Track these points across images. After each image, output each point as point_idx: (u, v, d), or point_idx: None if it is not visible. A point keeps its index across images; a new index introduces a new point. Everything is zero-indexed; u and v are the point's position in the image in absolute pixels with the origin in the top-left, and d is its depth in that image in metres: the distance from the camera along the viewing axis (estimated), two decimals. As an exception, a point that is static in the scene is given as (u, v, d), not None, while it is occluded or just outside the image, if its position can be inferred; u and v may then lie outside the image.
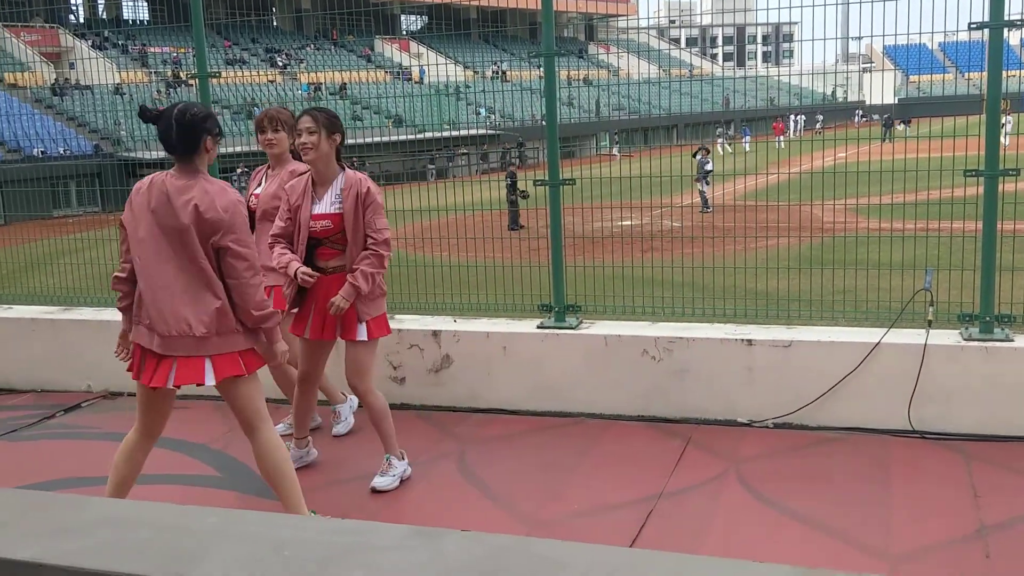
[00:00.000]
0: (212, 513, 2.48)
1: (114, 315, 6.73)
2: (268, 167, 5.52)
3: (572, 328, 5.81)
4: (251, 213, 5.45)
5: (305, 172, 4.80)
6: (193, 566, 2.06)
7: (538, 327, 5.89)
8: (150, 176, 3.97)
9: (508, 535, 2.29)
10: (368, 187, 4.61)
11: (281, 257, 4.65)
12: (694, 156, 14.80)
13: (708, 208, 15.90)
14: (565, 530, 4.22)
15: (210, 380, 3.92)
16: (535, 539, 2.22)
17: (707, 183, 15.84)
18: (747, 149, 13.29)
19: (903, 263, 5.75)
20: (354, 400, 5.70)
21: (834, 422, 5.25)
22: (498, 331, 5.90)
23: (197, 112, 3.89)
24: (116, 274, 4.08)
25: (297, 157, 5.14)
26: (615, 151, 15.83)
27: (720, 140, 17.59)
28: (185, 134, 3.84)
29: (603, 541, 4.03)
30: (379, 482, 4.82)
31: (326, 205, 4.62)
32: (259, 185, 5.50)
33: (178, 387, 4.00)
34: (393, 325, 6.09)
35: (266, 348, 4.06)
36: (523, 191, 11.68)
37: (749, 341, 5.34)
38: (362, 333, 4.66)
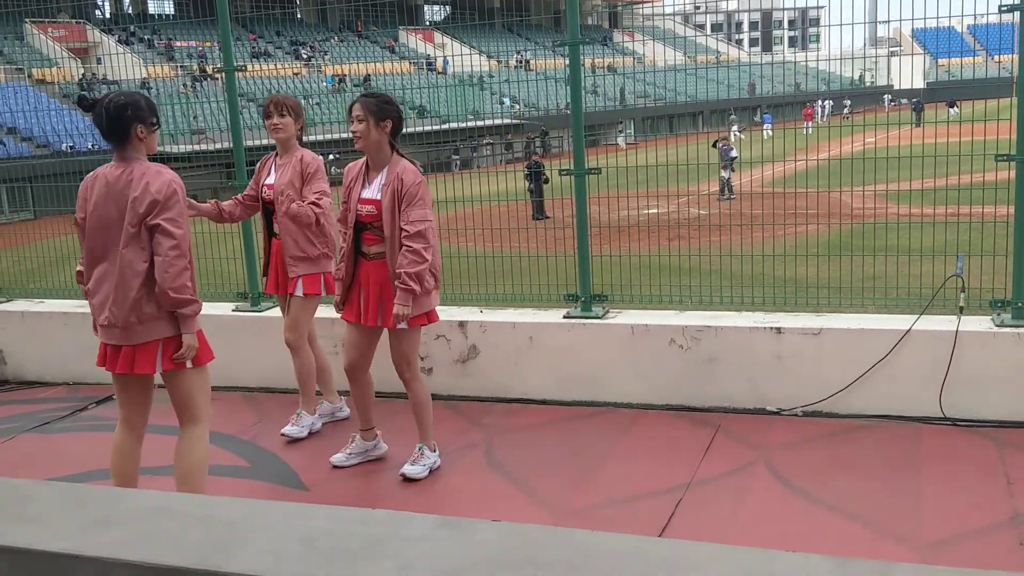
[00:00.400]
0: (244, 504, 2.50)
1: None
2: (275, 154, 5.54)
3: (599, 318, 5.80)
4: (266, 204, 5.49)
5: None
6: (227, 557, 2.08)
7: (564, 317, 5.88)
8: (95, 171, 4.01)
9: (539, 525, 2.29)
10: (405, 178, 4.59)
11: (337, 268, 4.91)
12: (714, 146, 14.74)
13: (732, 195, 15.81)
14: (594, 519, 4.22)
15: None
16: (567, 529, 2.22)
17: (732, 170, 15.75)
18: (769, 135, 13.15)
19: (933, 249, 5.69)
20: (318, 423, 5.73)
21: (864, 409, 5.21)
22: (524, 321, 5.90)
23: (123, 101, 3.89)
24: (78, 268, 4.16)
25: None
26: (620, 141, 15.73)
27: (734, 128, 17.41)
28: (113, 123, 3.87)
29: (633, 530, 4.03)
30: (410, 470, 4.84)
31: (374, 190, 4.68)
32: (269, 174, 5.49)
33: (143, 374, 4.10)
34: (420, 316, 6.12)
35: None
36: (545, 176, 11.62)
37: (778, 329, 5.31)
38: (403, 325, 4.66)
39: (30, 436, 5.91)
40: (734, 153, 14.98)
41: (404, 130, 4.86)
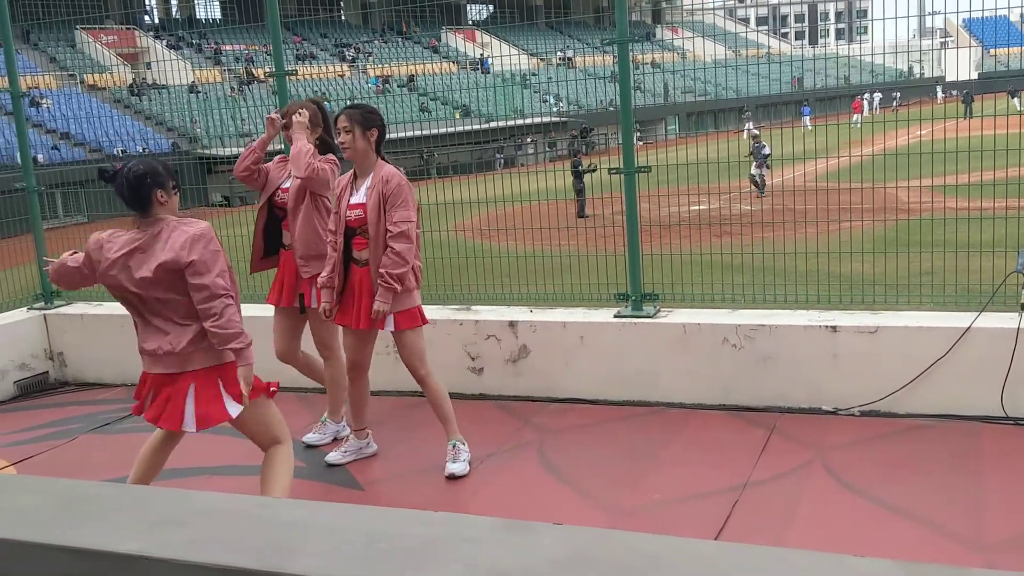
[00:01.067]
0: (304, 506, 2.52)
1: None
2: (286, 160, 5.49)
3: (650, 317, 5.76)
4: (280, 208, 5.39)
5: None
6: (290, 559, 2.10)
7: (615, 316, 5.85)
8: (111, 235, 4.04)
9: (601, 528, 2.28)
10: (390, 181, 4.74)
11: (322, 276, 4.94)
12: (754, 138, 14.59)
13: (763, 192, 15.63)
14: (649, 520, 4.19)
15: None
16: (631, 532, 2.20)
17: (767, 167, 15.56)
18: (809, 127, 12.94)
19: (993, 244, 5.56)
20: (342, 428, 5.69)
21: (923, 409, 5.12)
22: (575, 321, 5.88)
23: (142, 170, 3.91)
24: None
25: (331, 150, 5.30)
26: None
27: (748, 125, 17.11)
28: (134, 192, 3.91)
29: (688, 531, 4.00)
30: (455, 468, 4.89)
31: (360, 195, 4.81)
32: (288, 178, 5.41)
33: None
34: (469, 316, 6.14)
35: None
36: (591, 166, 11.56)
37: (834, 327, 5.23)
38: (389, 324, 4.81)
39: (90, 437, 6.03)
40: (767, 150, 14.81)
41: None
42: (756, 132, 16.49)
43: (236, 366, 3.92)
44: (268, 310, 5.69)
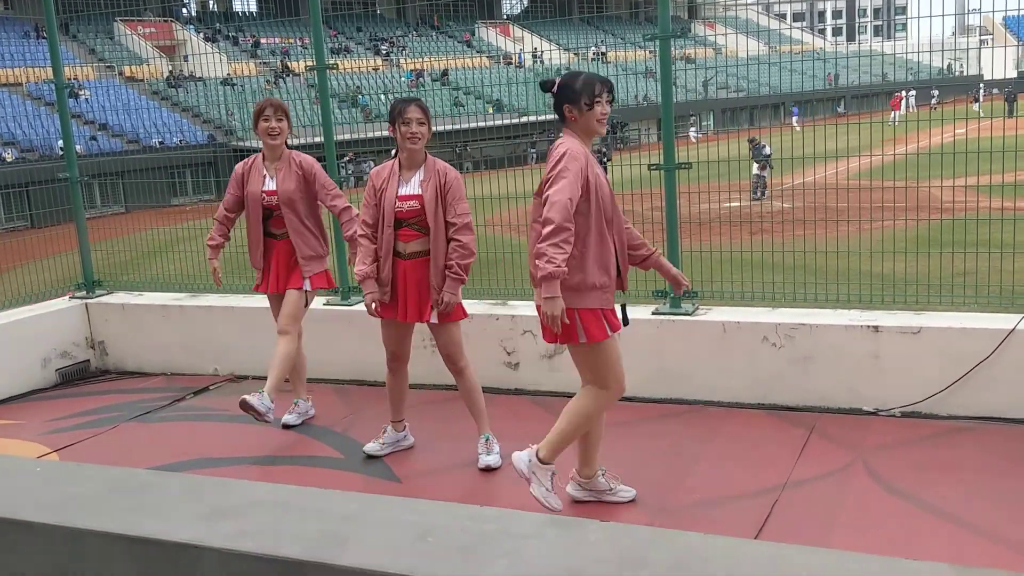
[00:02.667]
0: (355, 498, 2.54)
1: (238, 301, 6.98)
2: (263, 159, 5.56)
3: (688, 315, 5.74)
4: (268, 210, 5.48)
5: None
6: (342, 550, 2.12)
7: (653, 313, 5.84)
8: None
9: (647, 526, 2.28)
10: (448, 173, 4.82)
11: (360, 267, 4.91)
12: (750, 142, 14.42)
13: (762, 195, 15.37)
14: (689, 519, 4.18)
15: None
16: (676, 531, 2.20)
17: (770, 167, 15.33)
18: (798, 129, 12.73)
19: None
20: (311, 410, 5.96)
21: (966, 411, 5.06)
22: (612, 317, 5.86)
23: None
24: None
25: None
26: (691, 134, 15.49)
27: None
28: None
29: (728, 531, 3.98)
30: (491, 460, 4.93)
31: (413, 187, 4.82)
32: (264, 181, 5.51)
33: None
34: (505, 311, 6.15)
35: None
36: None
37: (875, 327, 5.18)
38: (433, 317, 4.85)
39: (132, 425, 6.11)
40: (768, 150, 14.60)
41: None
42: (756, 136, 16.28)
43: None
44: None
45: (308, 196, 5.50)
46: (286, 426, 5.75)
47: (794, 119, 16.18)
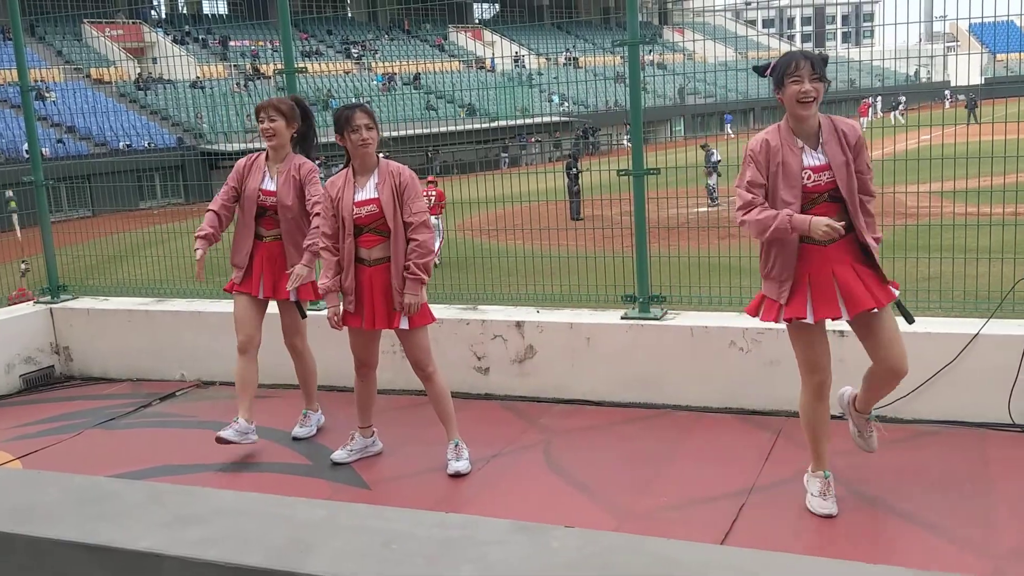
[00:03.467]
0: (321, 505, 2.53)
1: (205, 306, 6.92)
2: (265, 157, 5.44)
3: (657, 319, 5.77)
4: (263, 209, 5.34)
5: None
6: (304, 559, 2.10)
7: (622, 318, 5.86)
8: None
9: (615, 532, 2.29)
10: (403, 173, 4.81)
11: (323, 280, 4.88)
12: (703, 148, 14.49)
13: (715, 202, 15.44)
14: (657, 524, 4.20)
15: None
16: (645, 537, 2.21)
17: (717, 174, 15.33)
18: (731, 136, 12.74)
19: (1002, 250, 5.57)
20: (322, 418, 5.84)
21: (930, 415, 5.12)
22: (582, 322, 5.89)
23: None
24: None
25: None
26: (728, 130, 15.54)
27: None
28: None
29: (696, 535, 4.00)
30: (460, 466, 4.92)
31: (368, 192, 4.80)
32: (264, 179, 5.39)
33: None
34: (476, 316, 6.15)
35: None
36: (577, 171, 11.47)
37: (841, 332, 5.22)
38: (404, 323, 4.82)
39: (97, 431, 6.03)
40: (716, 157, 14.64)
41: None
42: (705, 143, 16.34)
43: None
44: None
45: (303, 203, 5.37)
46: (296, 439, 5.62)
47: (728, 127, 16.23)
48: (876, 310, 4.02)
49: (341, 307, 4.89)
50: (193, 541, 2.19)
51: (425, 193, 16.23)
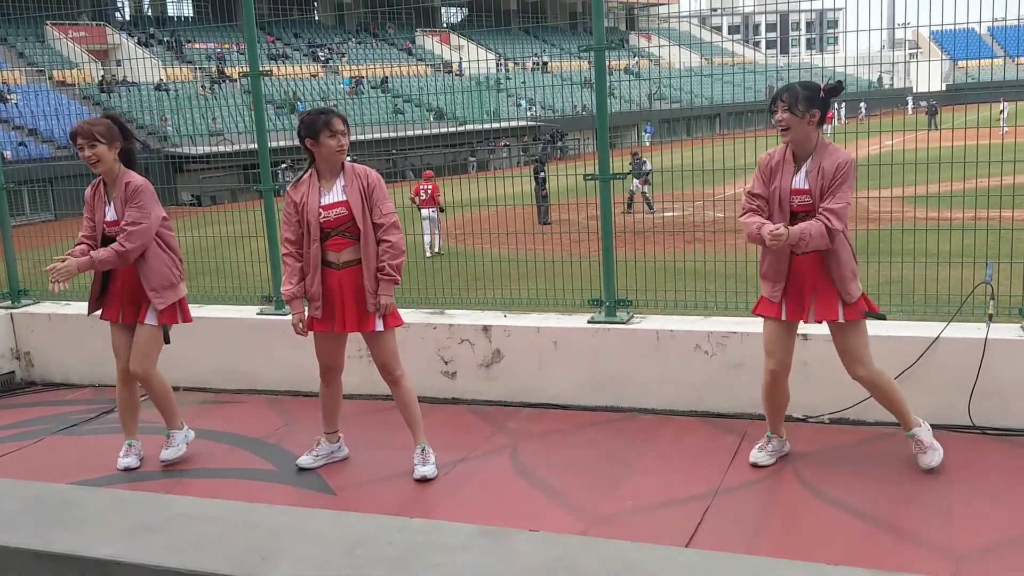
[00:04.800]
0: (283, 512, 2.52)
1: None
2: (103, 184, 5.14)
3: (623, 323, 5.79)
4: (109, 240, 5.01)
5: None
6: (267, 565, 2.09)
7: (589, 322, 5.88)
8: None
9: (577, 536, 2.31)
10: (370, 175, 4.81)
11: (286, 287, 4.82)
12: (633, 156, 14.57)
13: (652, 210, 15.48)
14: (623, 527, 4.21)
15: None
16: (606, 540, 2.22)
17: (648, 183, 15.36)
18: (647, 142, 12.85)
19: (962, 254, 5.65)
20: (190, 433, 5.50)
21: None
22: (549, 326, 5.90)
23: None
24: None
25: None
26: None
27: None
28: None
29: (661, 538, 4.02)
30: (426, 471, 4.90)
31: (336, 194, 4.76)
32: (107, 209, 5.08)
33: None
34: (443, 320, 6.14)
35: None
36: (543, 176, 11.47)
37: (804, 336, 5.28)
38: (379, 325, 4.81)
39: (57, 438, 5.95)
40: (648, 166, 14.68)
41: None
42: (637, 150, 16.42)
43: None
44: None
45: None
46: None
47: (647, 136, 16.29)
48: (840, 321, 4.55)
49: (306, 312, 4.86)
50: (154, 548, 2.17)
51: (423, 187, 16.19)
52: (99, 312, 5.25)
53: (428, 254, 13.72)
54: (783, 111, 4.39)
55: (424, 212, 15.94)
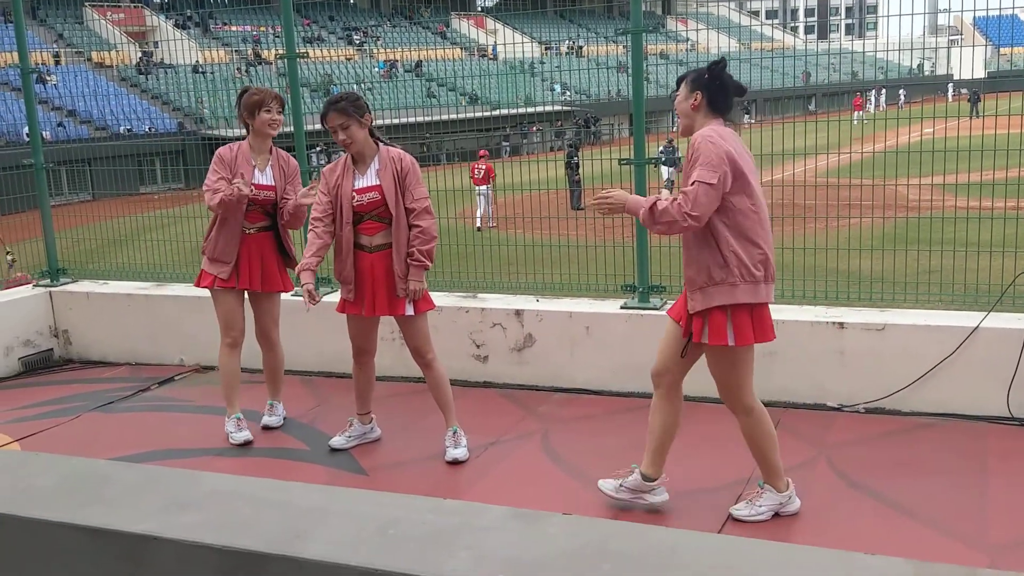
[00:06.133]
0: (316, 490, 2.52)
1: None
2: (241, 147, 5.26)
3: (656, 309, 5.76)
4: (255, 204, 5.17)
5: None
6: (301, 543, 2.10)
7: (622, 307, 5.85)
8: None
9: (611, 520, 2.30)
10: (404, 159, 4.77)
11: (306, 255, 4.84)
12: (668, 143, 14.39)
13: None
14: (654, 512, 4.19)
15: None
16: (640, 524, 2.20)
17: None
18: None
19: (1004, 243, 5.55)
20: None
21: (928, 407, 5.12)
22: (581, 311, 5.88)
23: None
24: None
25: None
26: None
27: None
28: None
29: (692, 525, 4.00)
30: (458, 453, 4.92)
31: (369, 179, 4.76)
32: (256, 171, 5.23)
33: None
34: (475, 304, 6.14)
35: None
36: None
37: (841, 324, 5.22)
38: (409, 309, 4.81)
39: (94, 415, 6.03)
40: (679, 154, 14.39)
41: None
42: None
43: None
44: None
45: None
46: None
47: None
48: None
49: (313, 285, 4.81)
50: (189, 525, 2.18)
51: (478, 166, 16.15)
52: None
53: (479, 226, 13.83)
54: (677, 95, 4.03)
55: (479, 189, 16.06)
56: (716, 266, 3.78)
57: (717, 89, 3.90)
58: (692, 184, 3.71)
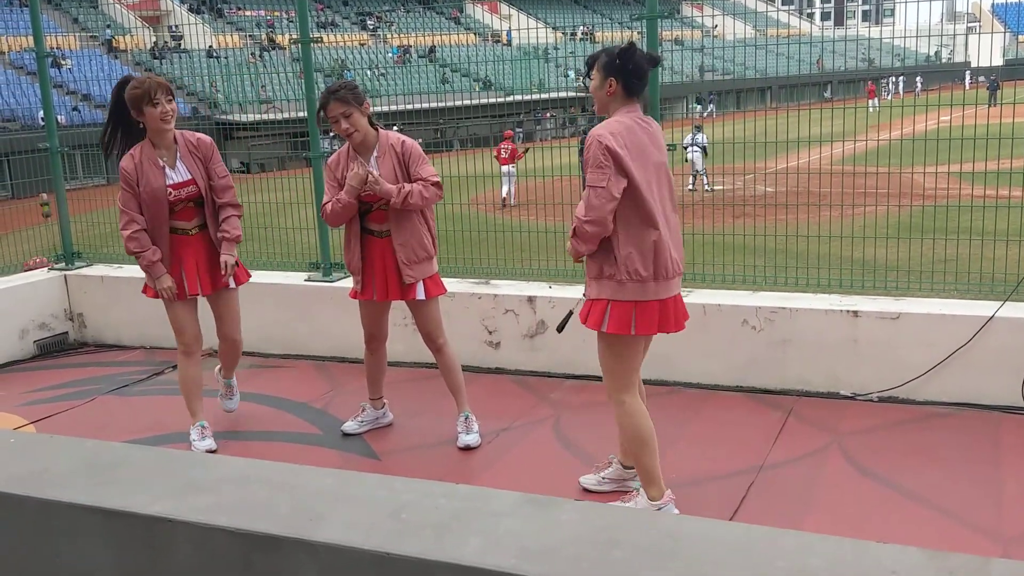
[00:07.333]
0: (329, 474, 2.53)
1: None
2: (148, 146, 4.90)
3: (669, 295, 5.74)
4: (172, 205, 4.84)
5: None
6: (314, 526, 2.11)
7: (634, 294, 5.83)
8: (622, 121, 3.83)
9: (623, 506, 2.31)
10: (404, 142, 4.73)
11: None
12: (697, 129, 14.26)
13: (693, 188, 15.07)
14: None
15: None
16: (651, 512, 2.21)
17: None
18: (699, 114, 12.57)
19: (1019, 233, 5.51)
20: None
21: (942, 397, 5.10)
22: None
23: None
24: None
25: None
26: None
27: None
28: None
29: (703, 512, 4.00)
30: (470, 439, 4.93)
31: (371, 166, 4.72)
32: (167, 171, 4.87)
33: None
34: (488, 290, 6.14)
35: None
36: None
37: (855, 312, 5.20)
38: (420, 293, 4.81)
39: (109, 398, 6.07)
40: (704, 140, 14.29)
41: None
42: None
43: None
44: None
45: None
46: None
47: (698, 109, 15.83)
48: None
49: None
50: (203, 507, 2.20)
51: (503, 147, 16.09)
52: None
53: (503, 204, 13.97)
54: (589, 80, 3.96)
55: (503, 168, 16.11)
56: (607, 263, 3.85)
57: (631, 74, 3.86)
58: (585, 190, 3.78)
